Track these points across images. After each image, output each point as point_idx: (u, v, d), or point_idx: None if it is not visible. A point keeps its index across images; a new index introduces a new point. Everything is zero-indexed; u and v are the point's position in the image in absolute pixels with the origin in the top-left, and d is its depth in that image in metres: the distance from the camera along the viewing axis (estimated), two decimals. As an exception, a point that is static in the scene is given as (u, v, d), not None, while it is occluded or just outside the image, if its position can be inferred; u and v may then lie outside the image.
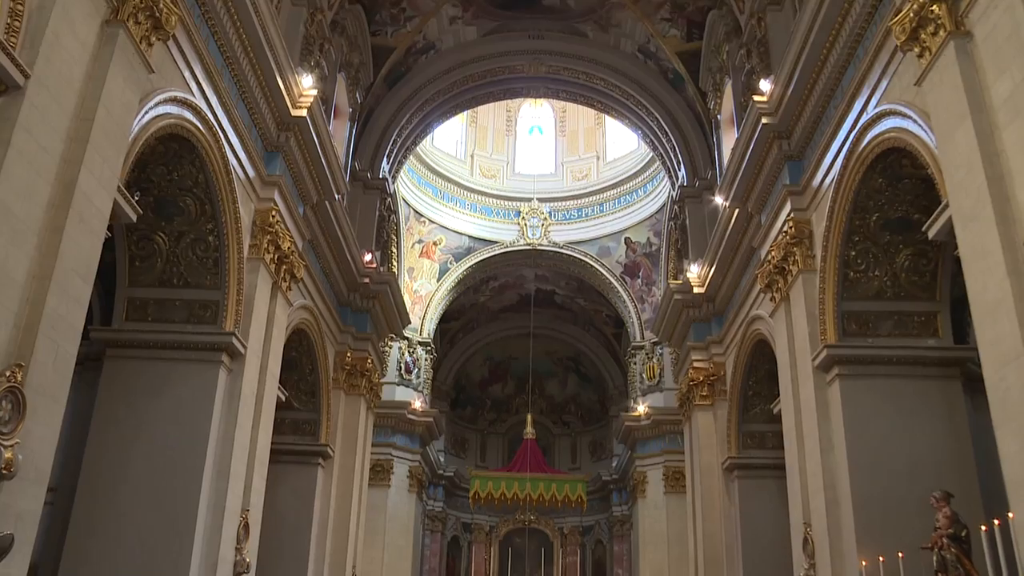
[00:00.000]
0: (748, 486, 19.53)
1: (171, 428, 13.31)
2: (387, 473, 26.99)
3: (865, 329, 14.09)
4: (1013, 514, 8.38)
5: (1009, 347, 8.42)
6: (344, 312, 21.31)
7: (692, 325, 22.12)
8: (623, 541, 32.18)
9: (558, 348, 35.23)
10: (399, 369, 28.37)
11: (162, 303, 14.14)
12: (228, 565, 13.57)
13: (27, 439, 8.06)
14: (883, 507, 12.79)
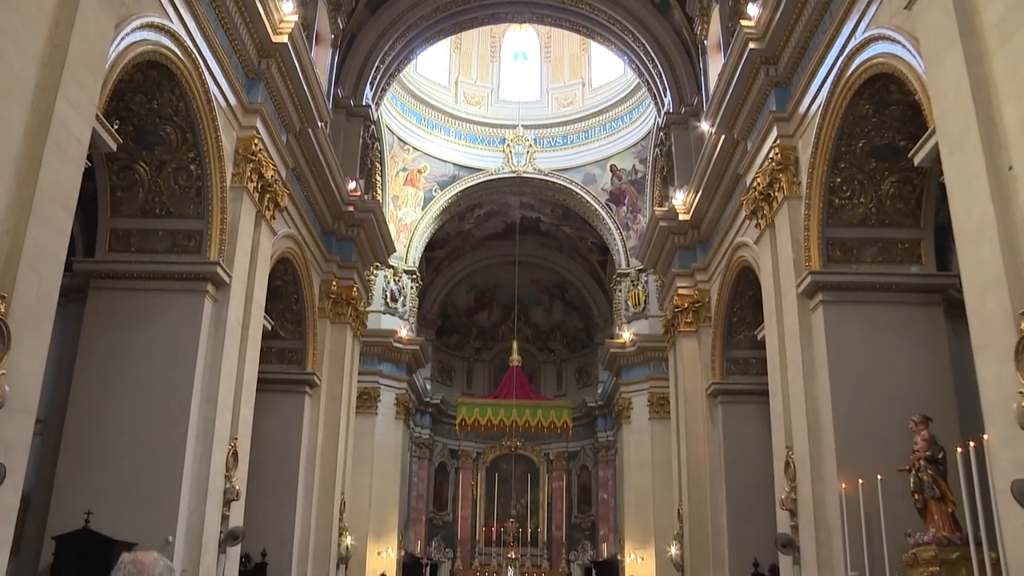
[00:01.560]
0: (732, 411, 19.80)
1: (157, 358, 13.34)
2: (374, 401, 27.22)
3: (849, 256, 14.16)
4: (988, 436, 8.54)
5: (991, 273, 8.48)
6: (329, 241, 21.23)
7: (677, 252, 22.18)
8: (608, 466, 32.70)
9: (543, 276, 35.29)
10: (385, 297, 28.40)
11: (145, 233, 14.05)
12: (218, 493, 13.74)
13: (13, 370, 8.05)
14: (863, 431, 13.00)
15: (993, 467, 8.41)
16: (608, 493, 32.59)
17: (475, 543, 33.95)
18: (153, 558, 2.78)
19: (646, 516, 26.27)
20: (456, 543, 33.89)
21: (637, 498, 27.09)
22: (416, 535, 31.87)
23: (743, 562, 18.05)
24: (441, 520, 34.11)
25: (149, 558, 2.79)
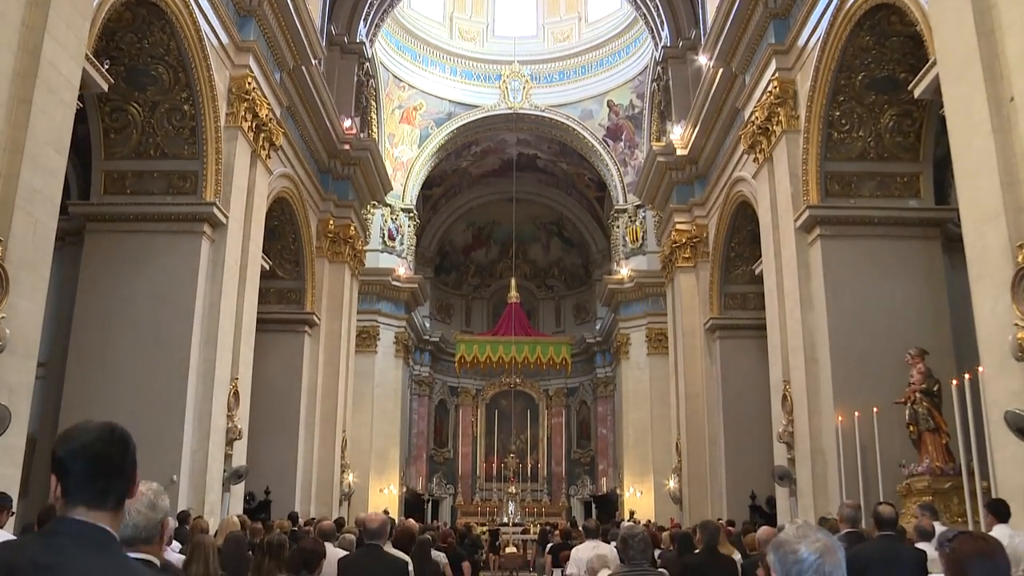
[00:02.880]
0: (729, 346, 19.92)
1: (156, 300, 13.37)
2: (373, 339, 27.33)
3: (847, 190, 14.12)
4: (983, 368, 8.62)
5: (990, 205, 8.46)
6: (325, 179, 21.13)
7: (675, 187, 22.10)
8: (607, 402, 32.98)
9: (541, 212, 35.16)
10: (382, 236, 28.34)
11: (140, 175, 13.97)
12: (220, 432, 13.87)
13: (12, 314, 8.07)
14: (860, 364, 13.10)
15: (987, 398, 8.51)
16: (607, 428, 32.92)
17: (476, 479, 34.38)
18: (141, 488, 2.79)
19: (644, 450, 26.58)
20: (457, 479, 34.34)
21: (635, 433, 27.37)
22: (417, 472, 32.27)
23: (740, 494, 18.32)
24: (442, 457, 34.51)
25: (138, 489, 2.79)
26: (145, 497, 2.72)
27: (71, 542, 1.96)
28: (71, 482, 2.03)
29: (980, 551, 2.99)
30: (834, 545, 2.38)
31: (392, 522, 6.55)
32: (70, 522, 2.01)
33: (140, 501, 2.71)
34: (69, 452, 2.05)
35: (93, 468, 2.04)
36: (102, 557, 1.98)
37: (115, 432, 2.11)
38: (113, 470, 2.06)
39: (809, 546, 2.35)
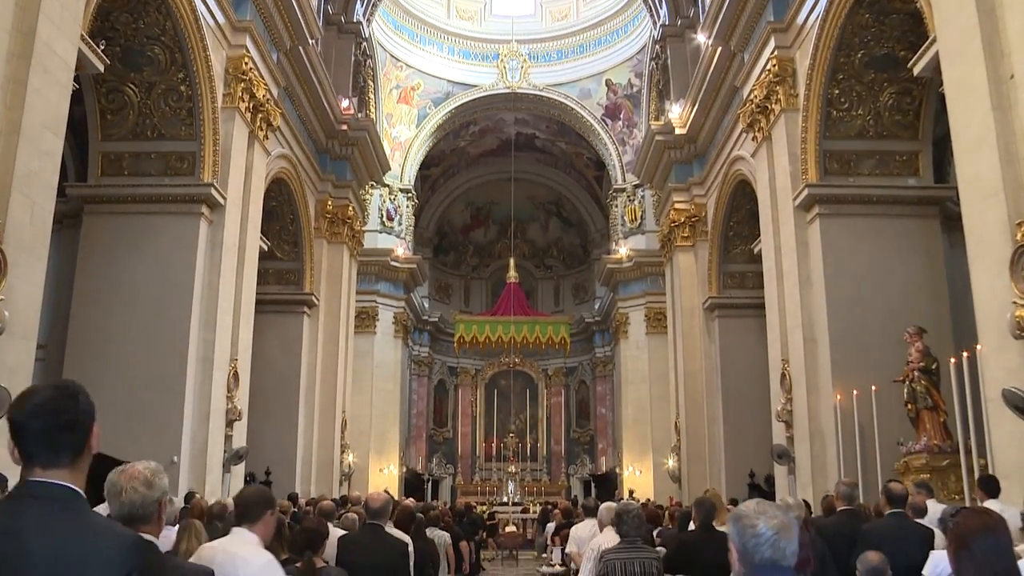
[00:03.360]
0: (728, 325, 19.94)
1: (155, 282, 13.37)
2: (372, 320, 27.35)
3: (846, 168, 14.10)
4: (981, 346, 8.63)
5: (989, 183, 8.45)
6: (323, 160, 21.08)
7: (673, 167, 22.06)
8: (606, 381, 33.05)
9: (539, 192, 35.10)
10: (381, 216, 28.30)
11: (137, 156, 13.94)
12: (220, 414, 13.91)
13: (11, 296, 8.08)
14: (859, 343, 13.13)
15: (985, 376, 8.53)
16: (606, 407, 33.00)
17: (475, 459, 34.51)
18: (139, 468, 2.80)
19: (643, 430, 26.65)
20: (457, 459, 34.46)
21: (635, 412, 27.44)
22: (417, 452, 32.39)
23: (739, 473, 18.41)
24: (441, 437, 34.62)
25: (133, 467, 2.80)
26: (141, 475, 2.73)
27: (32, 504, 2.00)
28: (26, 444, 2.06)
29: (985, 526, 3.02)
30: (790, 523, 2.51)
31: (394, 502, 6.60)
32: (30, 484, 2.04)
33: (135, 479, 2.72)
34: (20, 414, 2.07)
35: (43, 427, 2.06)
36: (65, 515, 2.01)
37: (64, 389, 2.13)
38: (63, 426, 2.07)
39: (767, 522, 2.49)
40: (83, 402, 2.13)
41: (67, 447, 2.08)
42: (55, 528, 1.98)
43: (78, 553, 1.95)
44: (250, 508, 3.84)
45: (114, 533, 2.09)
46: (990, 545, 2.97)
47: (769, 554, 2.48)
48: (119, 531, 2.15)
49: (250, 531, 3.79)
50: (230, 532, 3.90)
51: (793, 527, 2.51)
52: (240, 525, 3.82)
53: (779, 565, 2.49)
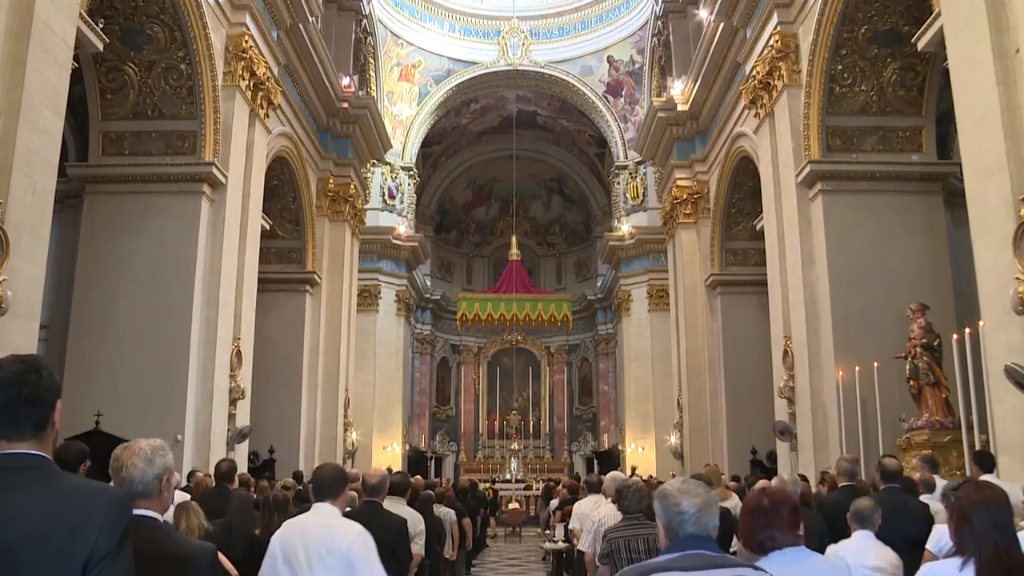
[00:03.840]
0: (730, 302, 19.95)
1: (157, 261, 13.39)
2: (375, 298, 27.36)
3: (849, 145, 14.06)
4: (983, 322, 8.64)
5: (993, 159, 8.42)
6: (324, 138, 21.02)
7: (676, 143, 21.99)
8: (608, 358, 33.09)
9: (541, 169, 35.02)
10: (382, 195, 28.24)
11: (138, 136, 13.91)
12: (223, 393, 13.95)
13: (13, 276, 8.09)
14: (861, 319, 13.14)
15: (987, 352, 8.54)
16: (608, 385, 33.06)
17: (478, 436, 34.64)
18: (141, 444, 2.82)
19: (646, 407, 26.71)
20: (459, 436, 34.58)
21: (637, 389, 27.49)
22: (420, 429, 32.49)
23: (741, 449, 18.46)
24: (444, 414, 34.73)
25: (137, 443, 2.83)
26: (142, 451, 2.75)
27: (7, 476, 2.03)
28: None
29: (986, 499, 3.04)
30: (712, 501, 2.75)
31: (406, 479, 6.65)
32: (4, 457, 2.06)
33: (136, 455, 2.74)
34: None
35: (5, 400, 2.09)
36: (39, 480, 2.06)
37: (27, 364, 2.15)
38: (25, 400, 2.10)
39: (691, 499, 2.71)
40: (46, 377, 2.15)
41: (28, 421, 2.10)
42: (33, 493, 2.02)
43: (59, 513, 1.99)
44: (331, 485, 4.21)
45: (91, 489, 2.13)
46: (991, 519, 2.99)
47: (692, 529, 2.69)
48: (96, 487, 2.18)
49: (332, 505, 4.18)
50: (311, 508, 4.22)
51: (714, 504, 2.74)
52: (322, 501, 4.16)
53: (700, 537, 2.69)
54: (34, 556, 1.95)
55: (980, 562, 2.95)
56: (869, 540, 5.17)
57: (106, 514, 2.02)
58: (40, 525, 1.97)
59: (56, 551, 1.96)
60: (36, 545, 1.96)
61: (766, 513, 3.17)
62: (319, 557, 3.95)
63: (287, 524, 4.24)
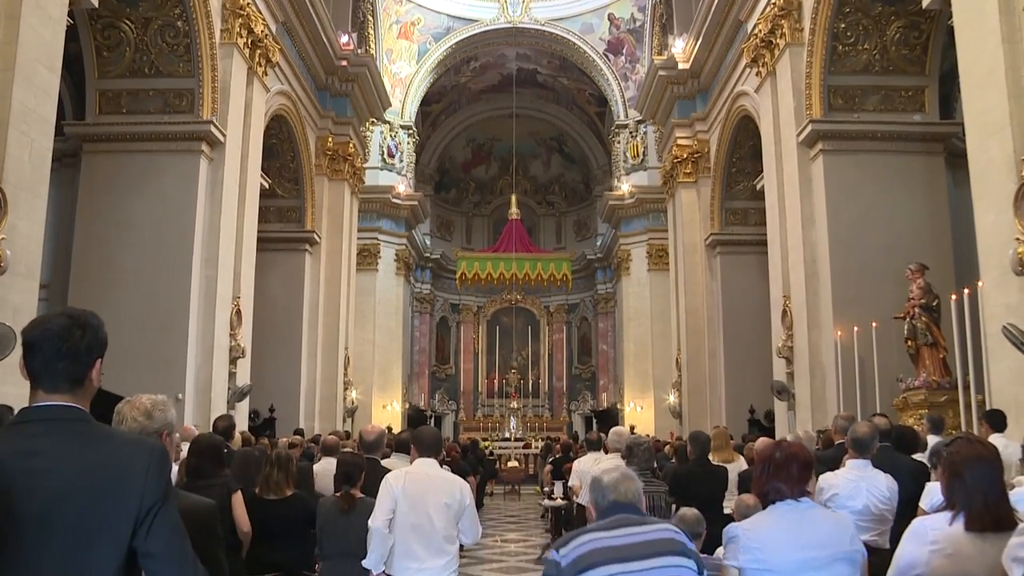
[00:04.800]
0: (730, 262, 19.95)
1: (156, 220, 13.36)
2: (374, 257, 27.34)
3: (851, 104, 13.98)
4: (982, 282, 8.65)
5: (996, 118, 8.38)
6: (323, 97, 20.88)
7: (676, 102, 21.85)
8: (607, 318, 33.15)
9: (541, 128, 34.83)
10: (382, 154, 28.10)
11: (135, 94, 13.82)
12: (224, 351, 14.00)
13: (12, 235, 8.09)
14: (860, 279, 13.16)
15: (985, 312, 8.56)
16: (607, 344, 33.17)
17: (478, 395, 34.81)
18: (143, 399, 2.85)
19: (645, 366, 26.82)
20: (459, 395, 34.75)
21: (636, 348, 27.58)
22: (420, 388, 32.65)
23: (739, 409, 18.57)
24: (444, 373, 34.87)
25: (139, 398, 2.86)
26: (143, 406, 2.78)
27: (45, 427, 2.07)
28: (31, 366, 2.14)
29: (977, 455, 3.08)
30: (629, 475, 3.18)
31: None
32: (36, 408, 2.11)
33: (136, 409, 2.77)
34: (31, 336, 2.14)
35: (47, 352, 2.12)
36: (76, 432, 2.09)
37: (74, 319, 2.17)
38: (63, 354, 2.12)
39: (608, 476, 3.16)
40: (89, 335, 2.17)
41: (64, 375, 2.12)
42: (71, 446, 2.05)
43: (100, 467, 2.03)
44: (434, 444, 5.07)
45: (129, 441, 2.21)
46: (982, 474, 3.03)
47: (613, 496, 3.09)
48: (133, 439, 2.27)
49: (435, 459, 5.05)
50: (417, 462, 4.97)
51: (631, 476, 3.17)
52: (425, 457, 4.96)
53: (621, 503, 3.08)
54: (77, 511, 1.98)
55: (969, 515, 2.99)
56: (864, 471, 5.24)
57: (148, 465, 2.06)
58: (81, 479, 2.00)
59: (101, 505, 1.99)
60: (79, 500, 1.99)
61: (776, 465, 3.28)
62: (443, 505, 4.79)
63: (408, 474, 4.87)
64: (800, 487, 3.24)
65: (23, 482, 1.97)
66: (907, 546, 3.16)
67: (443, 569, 4.82)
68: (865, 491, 5.18)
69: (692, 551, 3.03)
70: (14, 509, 1.95)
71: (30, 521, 1.95)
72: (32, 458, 2.01)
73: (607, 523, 3.03)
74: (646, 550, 2.93)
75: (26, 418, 2.12)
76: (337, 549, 5.18)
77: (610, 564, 2.88)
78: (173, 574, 2.07)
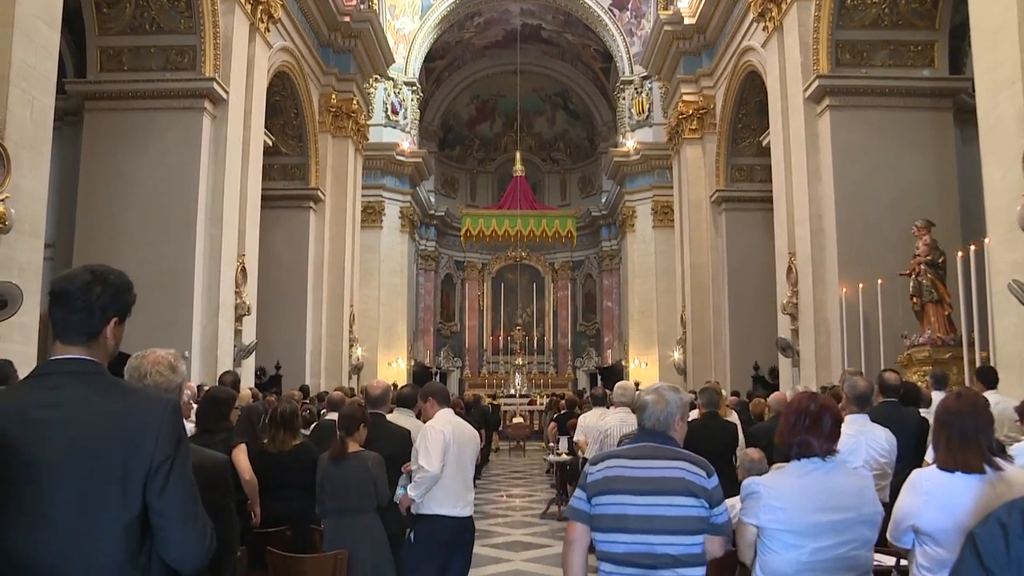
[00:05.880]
0: (735, 218, 19.90)
1: (160, 178, 13.34)
2: (379, 214, 27.28)
3: (859, 59, 13.83)
4: (989, 239, 8.63)
5: (1006, 73, 8.29)
6: (326, 53, 20.70)
7: (682, 58, 21.64)
8: (612, 275, 33.15)
9: (545, 84, 34.54)
10: (385, 110, 27.91)
11: (136, 51, 13.71)
12: (229, 308, 14.04)
13: (16, 194, 8.08)
14: (866, 236, 13.13)
15: (991, 269, 8.55)
16: (612, 301, 33.20)
17: (483, 352, 34.92)
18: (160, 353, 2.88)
19: (649, 323, 26.86)
20: (464, 352, 34.86)
21: (641, 305, 27.60)
22: (425, 345, 32.75)
23: (744, 365, 18.63)
24: (449, 331, 34.96)
25: (155, 352, 2.88)
26: (165, 360, 2.82)
27: (62, 380, 2.12)
28: (52, 315, 2.20)
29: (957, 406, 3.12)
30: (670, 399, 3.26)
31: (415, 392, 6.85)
32: (53, 362, 2.17)
33: (160, 363, 2.81)
34: (55, 286, 2.19)
35: (65, 304, 2.17)
36: (99, 383, 2.14)
37: (93, 274, 2.22)
38: (78, 307, 2.17)
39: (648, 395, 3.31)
40: (109, 292, 2.22)
41: (79, 328, 2.17)
42: (87, 395, 2.10)
43: (113, 419, 2.06)
44: (448, 396, 5.78)
45: (143, 394, 2.25)
46: (956, 420, 3.07)
47: (649, 424, 3.25)
48: (148, 393, 2.32)
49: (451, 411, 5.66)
50: (440, 412, 5.50)
51: (667, 399, 3.25)
52: (444, 408, 5.55)
53: (656, 432, 3.23)
54: (90, 461, 2.02)
55: (940, 457, 3.09)
56: (863, 425, 5.27)
57: (162, 419, 2.10)
58: (95, 430, 2.04)
59: (114, 456, 2.03)
60: (92, 450, 2.02)
61: (811, 417, 3.19)
62: (474, 448, 5.64)
63: (446, 419, 5.45)
64: (830, 444, 3.17)
65: (40, 432, 2.01)
66: (904, 497, 3.20)
67: (472, 502, 5.61)
68: (865, 445, 5.22)
69: (704, 489, 3.05)
70: (31, 457, 1.99)
71: (47, 468, 2.00)
72: (50, 409, 2.05)
73: (634, 450, 3.23)
74: (656, 486, 3.05)
75: (44, 370, 2.16)
76: (334, 504, 5.20)
77: (623, 494, 3.06)
78: (181, 533, 2.09)
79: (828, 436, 3.16)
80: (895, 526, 3.21)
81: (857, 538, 3.10)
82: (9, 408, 2.09)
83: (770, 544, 3.10)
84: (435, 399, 5.56)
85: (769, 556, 3.10)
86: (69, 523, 1.99)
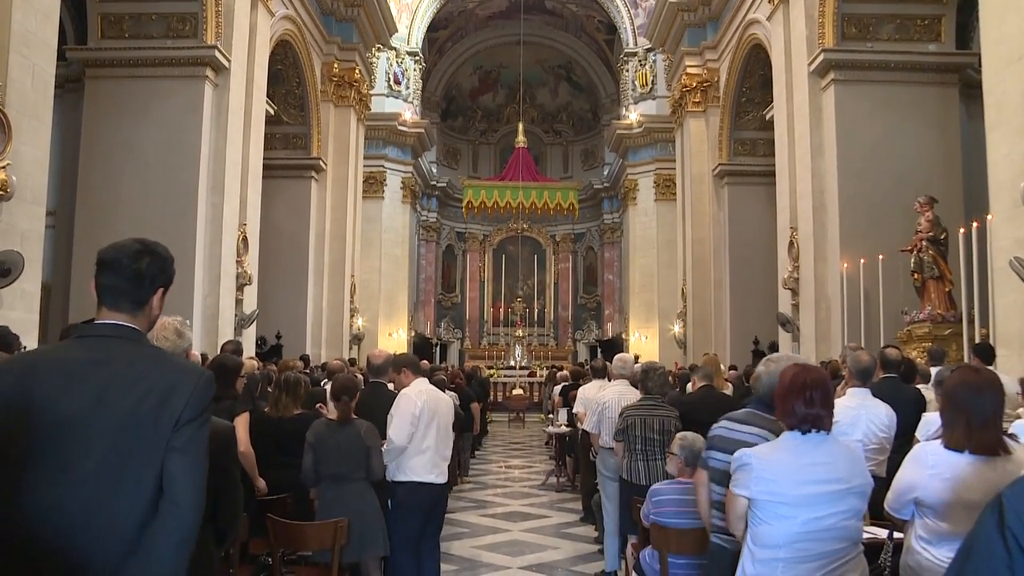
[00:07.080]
0: (737, 192, 19.86)
1: (162, 146, 13.29)
2: (380, 185, 27.22)
3: (865, 33, 13.74)
4: (991, 215, 8.62)
5: (1014, 48, 8.25)
6: (328, 22, 20.57)
7: (687, 30, 21.50)
8: (614, 247, 33.13)
9: (549, 56, 34.34)
10: (388, 80, 27.78)
11: (138, 18, 13.62)
12: (230, 278, 14.05)
13: (18, 161, 8.06)
14: (868, 211, 13.11)
15: (993, 246, 8.54)
16: (613, 274, 33.21)
17: (483, 323, 34.97)
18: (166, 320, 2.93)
19: (650, 296, 26.88)
20: (465, 323, 34.91)
21: (642, 278, 27.60)
22: (425, 316, 32.79)
23: (744, 339, 18.66)
24: (450, 302, 34.99)
25: (161, 319, 2.93)
26: (171, 325, 2.89)
27: (110, 342, 2.22)
28: (100, 285, 2.28)
29: (967, 380, 3.12)
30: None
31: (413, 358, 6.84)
32: (100, 325, 2.26)
33: (166, 328, 2.87)
34: (103, 255, 2.28)
35: (113, 273, 2.26)
36: (140, 348, 2.25)
37: (142, 245, 2.31)
38: (126, 276, 2.26)
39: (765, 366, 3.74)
40: (157, 263, 2.32)
41: (127, 295, 2.26)
42: (128, 362, 2.18)
43: (151, 381, 2.14)
44: (429, 371, 6.20)
45: (181, 363, 2.34)
46: (967, 398, 3.09)
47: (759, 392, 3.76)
48: (185, 363, 2.39)
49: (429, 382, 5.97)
50: (416, 381, 5.78)
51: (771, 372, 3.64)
52: (421, 378, 5.86)
53: (763, 401, 3.67)
54: (123, 419, 2.09)
55: (951, 436, 3.10)
56: (864, 399, 5.30)
57: (195, 386, 2.17)
58: (132, 390, 2.11)
59: (144, 416, 2.10)
60: (127, 408, 2.09)
61: (825, 391, 3.17)
62: (445, 410, 5.87)
63: (422, 388, 5.74)
64: (822, 411, 3.15)
65: (80, 387, 2.10)
66: (907, 469, 3.22)
67: (447, 471, 5.88)
68: (865, 420, 5.24)
69: None
70: (67, 411, 2.07)
71: (80, 423, 2.07)
72: (93, 367, 2.14)
73: (742, 415, 3.79)
74: (734, 446, 3.44)
75: (89, 332, 2.25)
76: (328, 471, 5.23)
77: (721, 452, 3.64)
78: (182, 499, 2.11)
79: (821, 406, 3.14)
80: (896, 497, 3.24)
81: (848, 508, 3.11)
82: (53, 363, 2.17)
83: (761, 515, 3.11)
84: (409, 370, 5.88)
85: (761, 527, 3.12)
86: (97, 477, 2.05)
